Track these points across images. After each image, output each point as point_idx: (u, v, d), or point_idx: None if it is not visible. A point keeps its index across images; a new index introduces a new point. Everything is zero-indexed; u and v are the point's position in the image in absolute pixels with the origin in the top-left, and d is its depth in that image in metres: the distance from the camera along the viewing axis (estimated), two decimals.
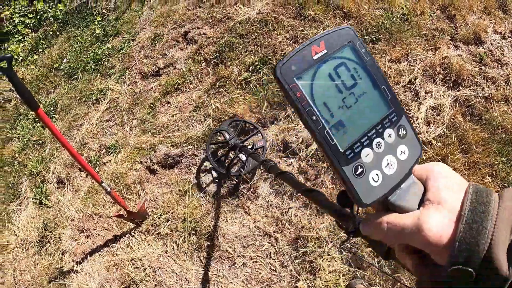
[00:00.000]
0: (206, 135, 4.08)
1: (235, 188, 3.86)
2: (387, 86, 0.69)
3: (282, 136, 3.95)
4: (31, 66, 6.37)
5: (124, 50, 5.39)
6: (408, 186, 0.66)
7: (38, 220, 4.48)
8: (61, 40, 6.36)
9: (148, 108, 4.62)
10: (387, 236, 0.63)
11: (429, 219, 0.58)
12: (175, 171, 4.14)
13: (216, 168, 3.94)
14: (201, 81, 4.53)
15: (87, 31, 6.12)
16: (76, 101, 5.35)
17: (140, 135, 4.45)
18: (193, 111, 4.33)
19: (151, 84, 4.82)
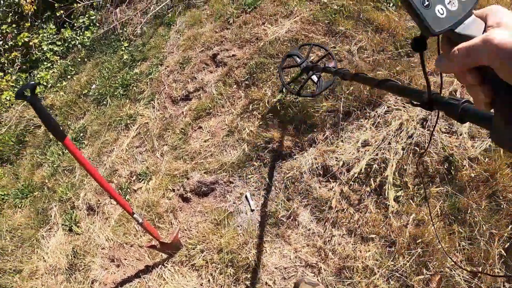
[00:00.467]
0: (241, 161, 3.85)
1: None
2: None
3: (322, 160, 3.71)
4: (60, 92, 6.26)
5: (153, 74, 5.24)
6: (470, 22, 0.70)
7: (68, 247, 4.29)
8: (89, 67, 6.25)
9: (179, 133, 4.42)
10: (458, 60, 0.66)
11: (495, 33, 0.60)
12: (209, 199, 3.92)
13: (289, 91, 3.86)
14: (233, 104, 4.32)
15: (114, 57, 6.00)
16: (105, 126, 5.20)
17: (171, 161, 4.25)
18: (226, 136, 4.11)
19: (181, 109, 4.64)
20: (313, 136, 3.86)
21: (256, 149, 3.84)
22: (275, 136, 3.81)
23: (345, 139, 3.87)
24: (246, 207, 3.72)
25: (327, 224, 3.50)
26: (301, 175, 3.66)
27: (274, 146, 3.79)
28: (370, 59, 4.18)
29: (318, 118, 3.92)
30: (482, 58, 0.61)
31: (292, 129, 3.87)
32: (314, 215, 3.58)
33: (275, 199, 3.65)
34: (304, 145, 3.82)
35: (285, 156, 3.78)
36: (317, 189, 3.66)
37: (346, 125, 3.91)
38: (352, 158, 3.76)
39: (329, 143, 3.84)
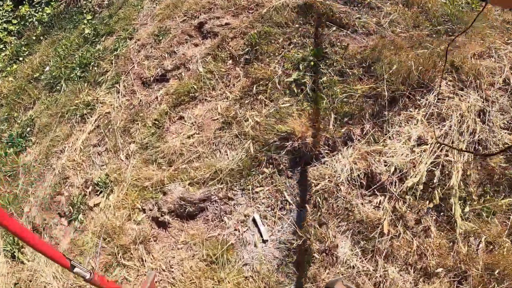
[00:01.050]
0: (244, 167, 2.27)
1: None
2: None
3: (364, 165, 2.22)
4: (9, 77, 4.59)
5: (119, 50, 3.61)
6: None
7: (10, 280, 2.71)
8: (44, 46, 4.57)
9: (152, 126, 2.82)
10: None
11: None
12: (198, 223, 2.36)
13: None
14: (228, 86, 2.77)
15: (74, 32, 4.35)
16: (57, 118, 3.55)
17: (140, 166, 2.66)
18: (219, 130, 2.55)
19: (155, 93, 3.04)
20: (349, 130, 2.35)
21: (267, 149, 2.30)
22: (295, 130, 2.27)
23: (393, 135, 2.38)
24: (254, 236, 2.19)
25: (378, 258, 2.03)
26: (337, 188, 2.16)
27: (294, 145, 2.25)
28: (406, 34, 2.72)
29: (353, 105, 2.41)
30: None
31: (319, 120, 2.36)
32: (359, 246, 2.09)
33: (300, 224, 2.15)
34: (337, 143, 2.31)
35: (311, 158, 2.26)
36: (360, 207, 2.16)
37: (391, 115, 2.41)
38: (406, 161, 2.26)
39: (372, 140, 2.34)
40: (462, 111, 2.37)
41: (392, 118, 2.41)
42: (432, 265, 2.03)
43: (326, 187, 2.16)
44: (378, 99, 2.45)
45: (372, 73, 2.54)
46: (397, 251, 2.09)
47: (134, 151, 2.81)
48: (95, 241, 2.60)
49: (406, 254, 2.08)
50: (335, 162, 2.24)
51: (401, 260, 2.07)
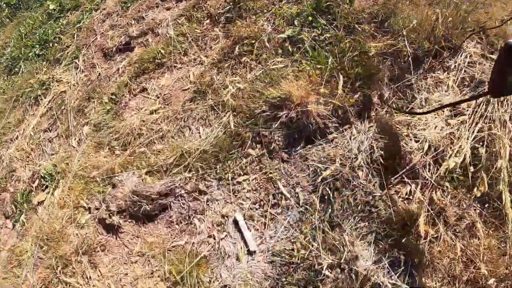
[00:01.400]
0: (222, 148, 1.54)
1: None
2: None
3: (389, 141, 1.49)
4: None
5: (83, 22, 2.85)
6: None
7: None
8: (10, 28, 3.82)
9: (108, 102, 2.08)
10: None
11: None
12: (158, 227, 1.60)
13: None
14: (204, 49, 2.01)
15: (39, 10, 3.60)
16: (11, 103, 2.80)
17: (90, 152, 1.93)
18: (190, 101, 1.78)
19: (117, 65, 2.27)
20: (364, 97, 1.61)
21: (253, 122, 1.54)
22: (292, 95, 1.50)
23: (421, 102, 1.63)
24: (236, 246, 1.43)
25: (413, 271, 1.35)
26: (353, 174, 1.41)
27: (290, 115, 1.49)
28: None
29: (367, 65, 1.67)
30: None
31: (323, 83, 1.61)
32: (387, 255, 1.36)
33: (303, 227, 1.39)
34: (350, 112, 1.56)
35: (314, 134, 1.51)
36: (386, 200, 1.41)
37: (416, 79, 1.67)
38: (441, 137, 1.53)
39: (394, 109, 1.60)
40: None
41: (418, 82, 1.67)
42: (482, 275, 1.38)
43: (337, 173, 1.41)
44: (397, 58, 1.71)
45: (387, 29, 1.79)
46: (438, 260, 1.37)
47: (88, 134, 2.05)
48: (33, 250, 1.84)
49: (449, 263, 1.35)
50: (349, 139, 1.50)
51: (443, 271, 1.35)
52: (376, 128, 1.52)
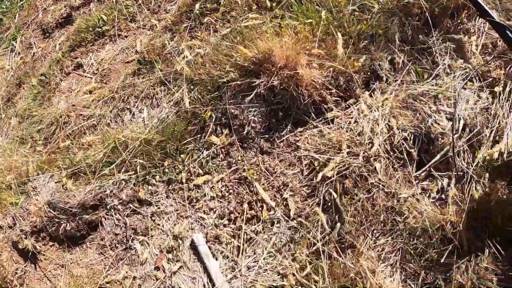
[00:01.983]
0: (173, 135, 0.96)
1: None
2: None
3: (405, 121, 0.94)
4: None
5: (25, 0, 2.19)
6: None
7: None
8: None
9: (37, 85, 1.45)
10: None
11: None
12: (87, 252, 1.02)
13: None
14: (158, 12, 1.40)
15: None
16: None
17: (11, 149, 1.31)
18: (133, 75, 1.20)
19: (55, 42, 1.64)
20: (372, 62, 1.04)
21: (217, 96, 0.96)
22: (275, 55, 0.91)
23: (444, 69, 1.07)
24: (197, 283, 0.85)
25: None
26: (368, 166, 0.85)
27: (272, 82, 0.90)
28: None
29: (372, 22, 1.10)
30: None
31: (316, 42, 1.03)
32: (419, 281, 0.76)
33: (296, 252, 0.82)
34: (356, 82, 0.99)
35: (306, 111, 0.94)
36: (413, 202, 0.83)
37: (433, 42, 1.10)
38: (476, 112, 0.96)
39: (413, 75, 1.04)
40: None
41: (436, 46, 1.11)
42: None
43: (345, 168, 0.83)
44: (408, 16, 1.14)
45: None
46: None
47: (14, 126, 1.41)
48: None
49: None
50: (357, 118, 0.92)
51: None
52: (394, 102, 0.95)
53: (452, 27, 1.14)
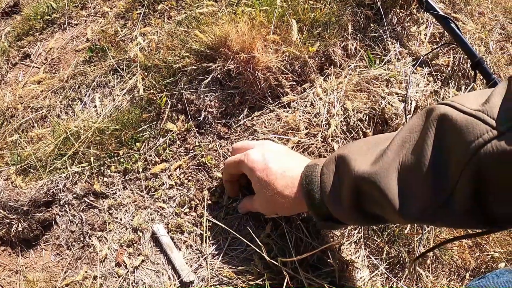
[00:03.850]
0: (127, 124, 0.88)
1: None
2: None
3: (360, 103, 0.88)
4: None
5: None
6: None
7: None
8: None
9: None
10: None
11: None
12: (42, 254, 0.89)
13: None
14: (110, 0, 1.29)
15: None
16: None
17: None
18: (84, 64, 1.06)
19: (0, 32, 1.47)
20: (326, 48, 0.98)
21: (172, 82, 0.84)
22: (231, 39, 0.83)
23: (395, 56, 1.04)
24: (162, 276, 0.77)
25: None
26: (326, 146, 0.79)
27: (228, 67, 0.81)
28: None
29: (325, 11, 1.04)
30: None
31: (271, 29, 0.95)
32: None
33: (262, 233, 0.76)
34: (310, 67, 0.93)
35: (263, 96, 0.86)
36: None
37: (385, 30, 1.06)
38: (426, 96, 0.94)
39: (365, 65, 0.99)
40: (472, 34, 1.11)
41: (388, 34, 1.07)
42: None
43: (304, 148, 0.77)
44: (360, 7, 1.09)
45: None
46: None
47: None
48: None
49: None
50: (313, 100, 0.86)
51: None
52: (349, 86, 0.90)
53: (403, 17, 1.11)
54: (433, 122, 0.37)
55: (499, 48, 1.13)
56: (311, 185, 0.50)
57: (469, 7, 1.16)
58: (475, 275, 0.91)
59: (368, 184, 0.41)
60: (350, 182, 0.43)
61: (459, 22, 1.09)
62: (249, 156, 0.58)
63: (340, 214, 0.48)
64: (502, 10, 1.21)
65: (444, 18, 0.99)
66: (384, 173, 0.39)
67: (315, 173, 0.50)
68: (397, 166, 0.38)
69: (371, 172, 0.40)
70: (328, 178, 0.48)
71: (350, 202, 0.45)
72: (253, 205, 0.64)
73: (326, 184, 0.48)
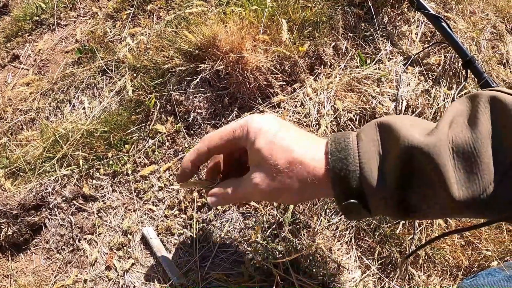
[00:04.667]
0: (116, 125, 0.86)
1: None
2: None
3: (351, 103, 0.88)
4: None
5: None
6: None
7: None
8: None
9: None
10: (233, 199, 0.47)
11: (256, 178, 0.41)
12: (32, 258, 0.89)
13: None
14: (99, 0, 1.28)
15: None
16: None
17: None
18: (73, 65, 1.06)
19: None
20: (316, 48, 0.98)
21: (161, 83, 0.84)
22: (220, 40, 0.82)
23: (386, 55, 1.04)
24: (152, 279, 0.78)
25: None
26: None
27: (217, 67, 0.82)
28: None
29: (316, 10, 1.04)
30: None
31: (261, 29, 0.95)
32: None
33: (251, 236, 0.75)
34: (300, 67, 0.92)
35: (252, 96, 0.86)
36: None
37: (376, 30, 1.06)
38: (417, 95, 0.94)
39: (356, 64, 0.99)
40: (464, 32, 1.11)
41: (379, 33, 1.08)
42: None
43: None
44: (350, 6, 1.09)
45: None
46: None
47: None
48: None
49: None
50: (303, 100, 0.86)
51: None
52: (339, 85, 0.90)
53: (394, 16, 1.11)
54: (483, 102, 0.35)
55: (490, 47, 1.14)
56: (344, 152, 0.36)
57: (461, 6, 1.16)
58: (468, 274, 0.92)
59: (422, 156, 0.34)
60: (400, 153, 0.34)
61: (451, 21, 1.09)
62: (254, 118, 0.42)
63: (377, 194, 0.36)
64: (494, 9, 1.22)
65: (435, 17, 0.99)
66: (439, 149, 0.34)
67: (349, 140, 0.37)
68: (450, 146, 0.34)
69: (427, 143, 0.33)
70: (368, 146, 0.37)
71: (397, 179, 0.35)
72: (245, 188, 0.43)
73: (366, 154, 0.36)
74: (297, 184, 0.39)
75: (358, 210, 0.38)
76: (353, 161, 0.36)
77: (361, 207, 0.37)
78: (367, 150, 0.37)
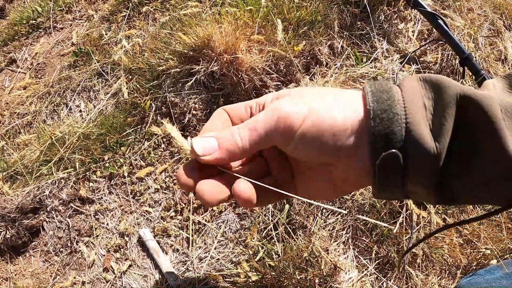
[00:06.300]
0: (112, 128, 0.86)
1: None
2: None
3: None
4: None
5: None
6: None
7: None
8: None
9: None
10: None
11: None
12: (31, 261, 0.91)
13: None
14: (95, 3, 1.27)
15: None
16: None
17: None
18: (69, 68, 1.08)
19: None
20: (311, 47, 0.99)
21: (156, 85, 0.85)
22: (215, 41, 0.83)
23: (382, 54, 1.05)
24: (149, 280, 0.78)
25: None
26: None
27: (212, 68, 0.82)
28: None
29: (310, 10, 1.04)
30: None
31: (256, 29, 0.96)
32: None
33: (247, 237, 0.76)
34: (296, 66, 0.93)
35: (247, 97, 0.88)
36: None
37: (372, 28, 1.07)
38: None
39: (352, 63, 1.00)
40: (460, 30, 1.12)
41: (375, 31, 1.08)
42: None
43: None
44: (346, 5, 1.10)
45: None
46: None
47: None
48: None
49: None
50: None
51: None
52: (335, 84, 0.91)
53: (390, 14, 1.12)
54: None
55: (488, 44, 1.14)
56: (387, 102, 0.30)
57: (458, 3, 1.17)
58: (466, 273, 0.92)
59: (474, 104, 0.30)
60: (452, 101, 0.29)
61: (448, 19, 1.10)
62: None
63: (428, 152, 0.29)
64: (491, 6, 1.22)
65: (431, 15, 0.99)
66: (490, 100, 0.30)
67: (392, 92, 0.31)
68: (500, 104, 0.31)
69: (477, 93, 0.30)
70: (417, 92, 0.31)
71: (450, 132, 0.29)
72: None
73: (413, 103, 0.30)
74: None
75: (394, 182, 0.30)
76: (399, 111, 0.30)
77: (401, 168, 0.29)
78: (414, 97, 0.31)
